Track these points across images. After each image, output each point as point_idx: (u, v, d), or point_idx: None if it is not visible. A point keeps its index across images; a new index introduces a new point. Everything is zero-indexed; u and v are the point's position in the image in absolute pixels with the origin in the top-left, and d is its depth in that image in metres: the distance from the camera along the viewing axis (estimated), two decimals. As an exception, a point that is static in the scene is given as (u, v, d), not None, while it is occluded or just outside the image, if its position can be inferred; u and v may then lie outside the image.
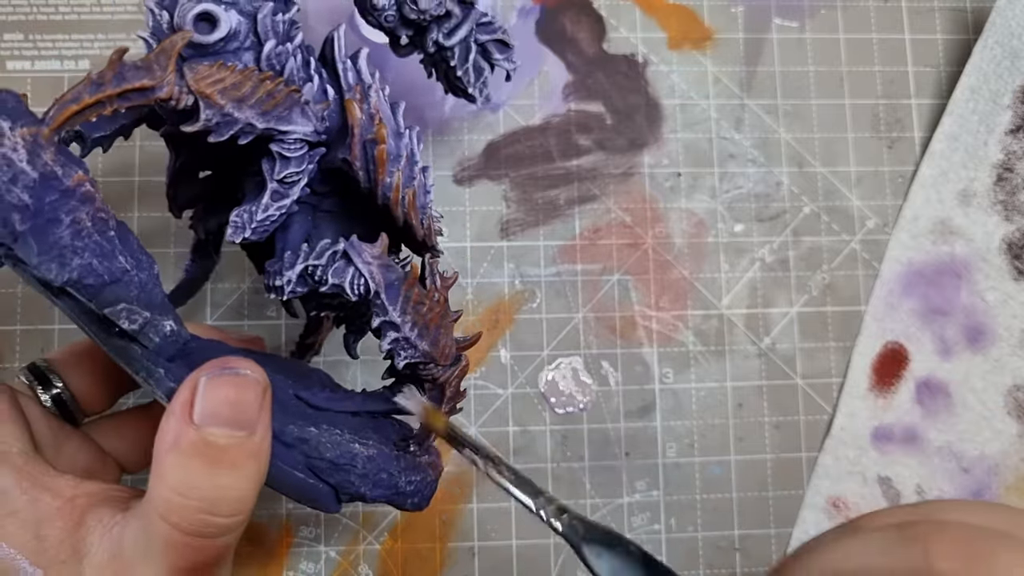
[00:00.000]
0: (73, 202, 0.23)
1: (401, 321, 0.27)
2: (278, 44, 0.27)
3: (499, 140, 0.43)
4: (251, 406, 0.25)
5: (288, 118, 0.26)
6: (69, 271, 0.23)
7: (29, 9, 0.42)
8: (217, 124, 0.25)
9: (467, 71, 0.33)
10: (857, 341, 0.43)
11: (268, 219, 0.27)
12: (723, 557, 0.41)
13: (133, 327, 0.25)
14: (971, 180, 0.44)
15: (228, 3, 0.26)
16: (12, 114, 0.23)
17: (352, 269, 0.27)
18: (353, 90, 0.28)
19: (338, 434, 0.29)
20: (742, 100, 0.44)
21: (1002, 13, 0.44)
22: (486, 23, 0.33)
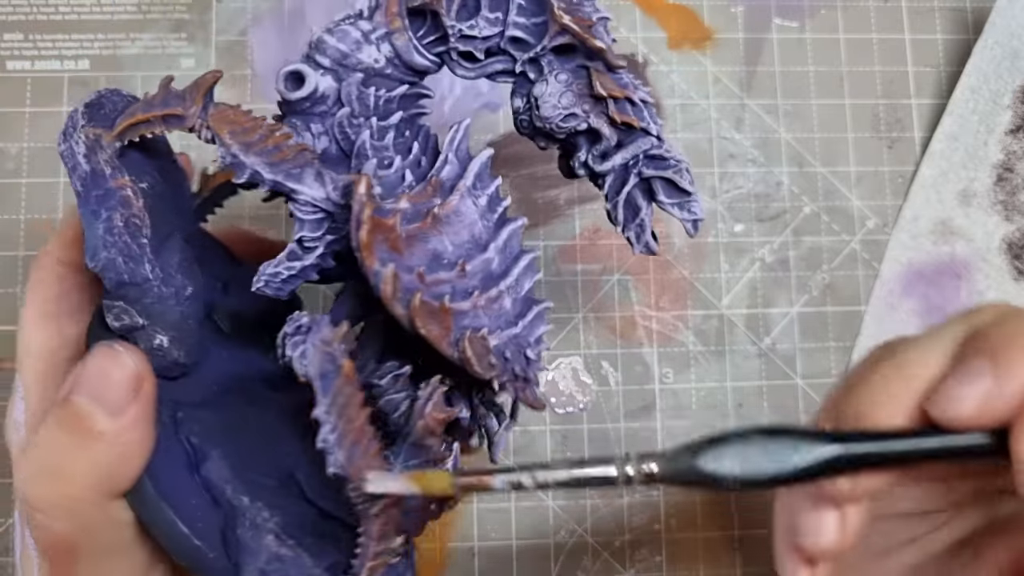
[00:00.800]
0: (112, 201, 0.25)
1: (324, 419, 0.24)
2: (357, 115, 0.27)
3: (499, 140, 0.43)
4: (117, 384, 0.25)
5: (299, 177, 0.26)
6: (97, 260, 0.25)
7: (29, 9, 0.42)
8: (231, 164, 0.26)
9: (616, 206, 0.28)
10: (857, 341, 0.43)
11: (278, 276, 0.27)
12: (723, 558, 0.41)
13: (116, 324, 0.26)
14: (971, 180, 0.44)
15: (327, 69, 0.27)
16: (94, 116, 0.26)
17: (302, 347, 0.25)
18: (429, 181, 0.26)
19: (264, 517, 0.27)
20: (742, 100, 0.44)
21: (1002, 13, 0.44)
22: (656, 156, 0.28)
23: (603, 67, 0.27)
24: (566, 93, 0.27)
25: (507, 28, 0.27)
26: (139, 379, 0.25)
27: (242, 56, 0.43)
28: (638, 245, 0.29)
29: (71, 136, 0.26)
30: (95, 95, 0.27)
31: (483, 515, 0.41)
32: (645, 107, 0.28)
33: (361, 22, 0.27)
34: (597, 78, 0.27)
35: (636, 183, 0.28)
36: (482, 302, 0.26)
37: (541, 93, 0.27)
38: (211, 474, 0.27)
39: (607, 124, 0.27)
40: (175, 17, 0.43)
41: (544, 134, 0.28)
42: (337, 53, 0.26)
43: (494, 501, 0.41)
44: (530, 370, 0.27)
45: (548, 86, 0.27)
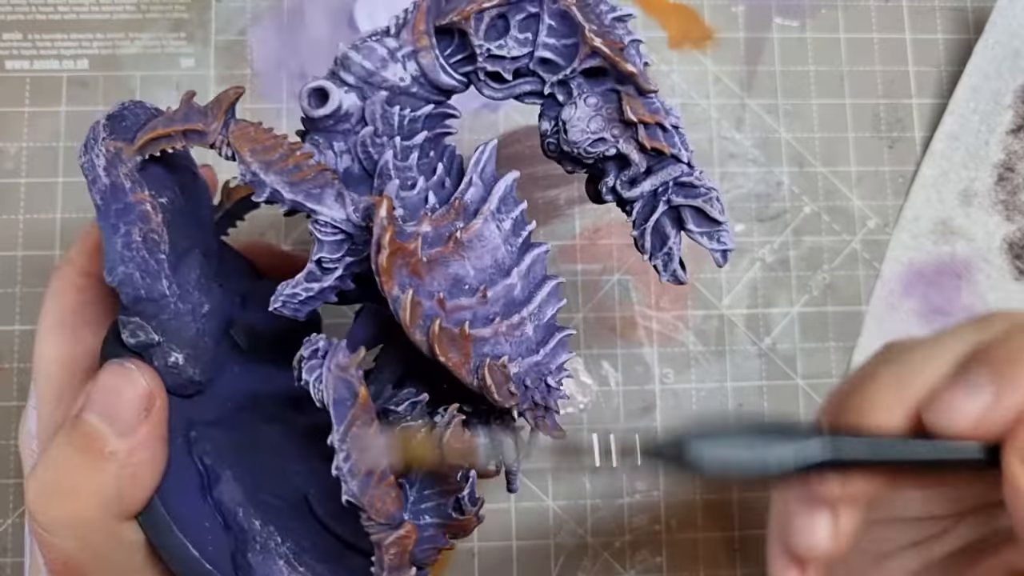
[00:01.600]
0: (131, 216, 0.25)
1: (339, 447, 0.24)
2: (380, 134, 0.26)
3: (499, 140, 0.43)
4: (128, 403, 0.24)
5: (319, 197, 0.25)
6: (114, 275, 0.25)
7: (28, 8, 0.42)
8: (251, 182, 0.25)
9: (644, 233, 0.27)
10: (858, 341, 0.43)
11: (295, 297, 0.26)
12: (723, 558, 0.41)
13: (131, 340, 0.26)
14: (972, 180, 0.44)
15: (351, 85, 0.26)
16: (116, 128, 0.26)
17: (318, 372, 0.25)
18: (452, 204, 0.26)
19: (276, 542, 0.27)
20: (742, 100, 0.44)
21: (1003, 13, 0.44)
22: (687, 184, 0.27)
23: (634, 91, 0.26)
24: (595, 117, 0.26)
25: (536, 49, 0.26)
26: (150, 398, 0.25)
27: (241, 55, 0.43)
28: (665, 274, 0.28)
29: (92, 148, 0.26)
30: (118, 107, 0.26)
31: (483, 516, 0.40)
32: (676, 132, 0.27)
33: (388, 39, 0.26)
34: (628, 103, 0.26)
35: (664, 211, 0.27)
36: (503, 329, 0.25)
37: (569, 117, 0.26)
38: (223, 496, 0.27)
39: (636, 150, 0.27)
40: (174, 16, 0.43)
41: (571, 158, 0.28)
42: (362, 71, 0.26)
43: (494, 502, 0.41)
44: (551, 398, 0.27)
45: (577, 110, 0.26)
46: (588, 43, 0.26)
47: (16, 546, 0.38)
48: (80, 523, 0.24)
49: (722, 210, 0.27)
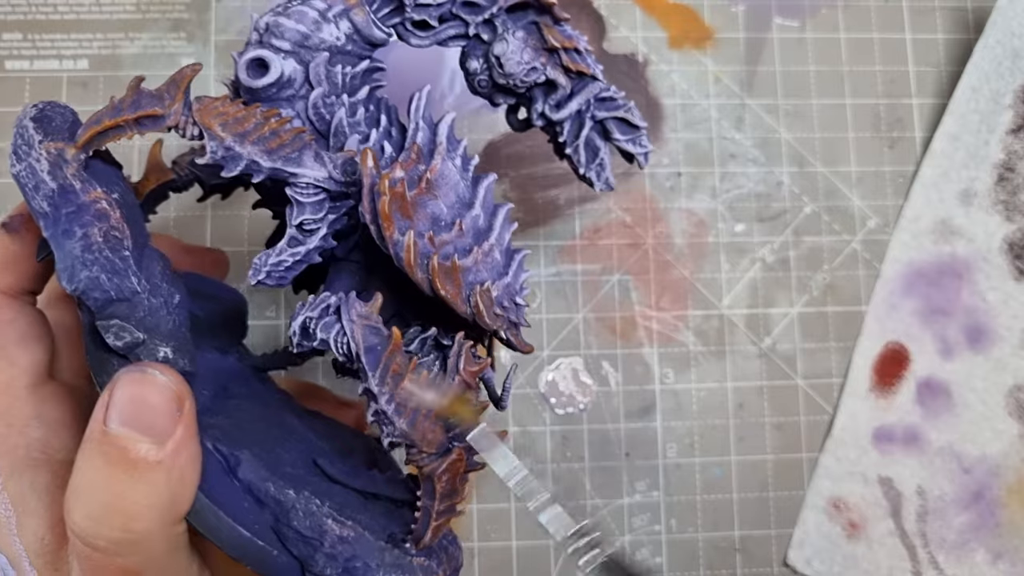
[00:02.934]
0: (87, 217, 0.24)
1: (379, 391, 0.25)
2: (328, 94, 0.27)
3: (499, 140, 0.43)
4: (159, 411, 0.24)
5: (298, 160, 0.25)
6: (77, 281, 0.24)
7: (28, 8, 0.42)
8: (223, 158, 0.25)
9: (577, 149, 0.30)
10: (858, 341, 0.43)
11: (282, 264, 0.27)
12: (723, 558, 0.41)
13: (118, 343, 0.25)
14: (972, 180, 0.44)
15: (288, 52, 0.26)
16: (48, 129, 0.24)
17: (338, 325, 0.25)
18: (411, 149, 0.26)
19: (316, 505, 0.27)
20: (743, 100, 0.44)
21: (1003, 12, 0.44)
22: (607, 98, 0.30)
23: (551, 20, 0.28)
24: (526, 49, 0.28)
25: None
26: (180, 398, 0.24)
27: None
28: (599, 183, 0.31)
29: (27, 154, 0.24)
30: (39, 109, 0.25)
31: (483, 516, 0.40)
32: (588, 54, 0.29)
33: (314, 1, 0.27)
34: (548, 31, 0.28)
35: (592, 126, 0.30)
36: (480, 257, 0.27)
37: (503, 52, 0.28)
38: (249, 475, 0.27)
39: (562, 74, 0.29)
40: (174, 16, 0.43)
41: (504, 90, 0.30)
42: (296, 35, 0.26)
43: (494, 502, 0.41)
44: (519, 315, 0.28)
45: (509, 44, 0.28)
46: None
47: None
48: (143, 537, 0.23)
49: (641, 116, 0.30)
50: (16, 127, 0.25)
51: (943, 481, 0.42)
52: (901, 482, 0.42)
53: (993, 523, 0.42)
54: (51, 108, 0.25)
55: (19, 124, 0.25)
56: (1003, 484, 0.42)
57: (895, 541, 0.41)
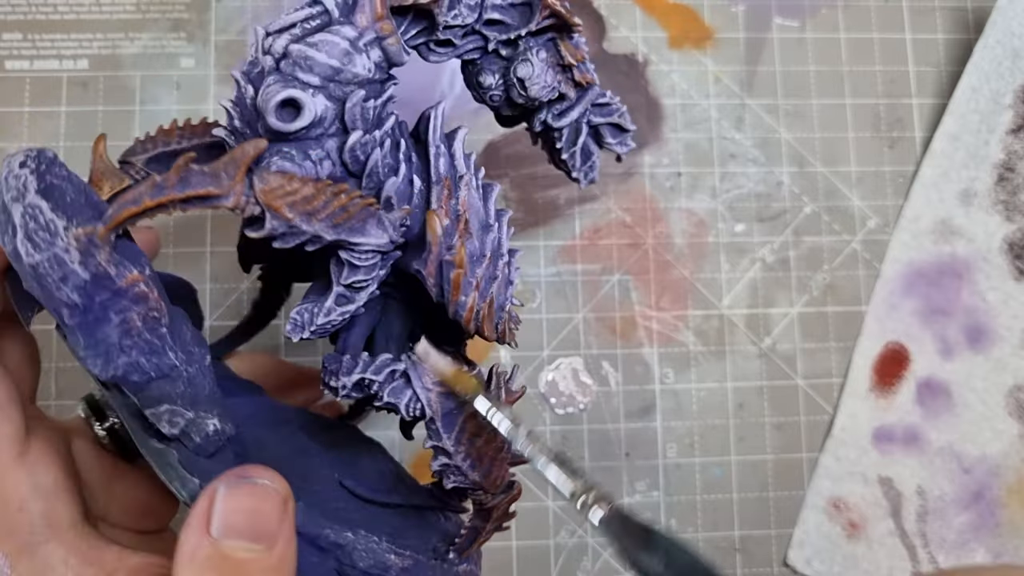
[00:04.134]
0: (124, 302, 0.22)
1: (454, 451, 0.26)
2: (365, 133, 0.25)
3: (499, 140, 0.43)
4: (270, 518, 0.23)
5: (362, 230, 0.24)
6: (114, 368, 0.23)
7: (28, 8, 0.42)
8: (283, 234, 0.23)
9: (574, 155, 0.30)
10: (858, 341, 0.43)
11: (330, 323, 0.26)
12: (724, 557, 0.41)
13: (174, 431, 0.24)
14: (972, 180, 0.44)
15: (316, 87, 0.24)
16: (70, 209, 0.22)
17: (410, 391, 0.26)
18: (442, 183, 0.26)
19: (375, 542, 0.27)
20: (742, 100, 0.44)
21: (1003, 13, 0.44)
22: (603, 104, 0.30)
23: (567, 35, 0.28)
24: (548, 70, 0.28)
25: (484, 11, 0.27)
26: (286, 500, 0.24)
27: (241, 55, 0.43)
28: (584, 181, 0.31)
29: (50, 244, 0.21)
30: (37, 175, 0.22)
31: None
32: (587, 59, 0.29)
33: (343, 28, 0.24)
34: (565, 48, 0.28)
35: (588, 132, 0.30)
36: (501, 277, 0.27)
37: (528, 75, 0.28)
38: (308, 527, 0.26)
39: (572, 87, 0.29)
40: (174, 16, 0.43)
41: (517, 106, 0.29)
42: (328, 70, 0.24)
43: (494, 502, 0.41)
44: (515, 317, 0.29)
45: (534, 68, 0.28)
46: (548, 6, 0.27)
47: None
48: None
49: (629, 119, 0.30)
50: (18, 204, 0.21)
51: (943, 481, 0.42)
52: (901, 482, 0.42)
53: (993, 523, 0.42)
54: (52, 173, 0.22)
55: (23, 202, 0.21)
56: (1003, 484, 0.42)
57: (895, 541, 0.42)
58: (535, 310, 0.42)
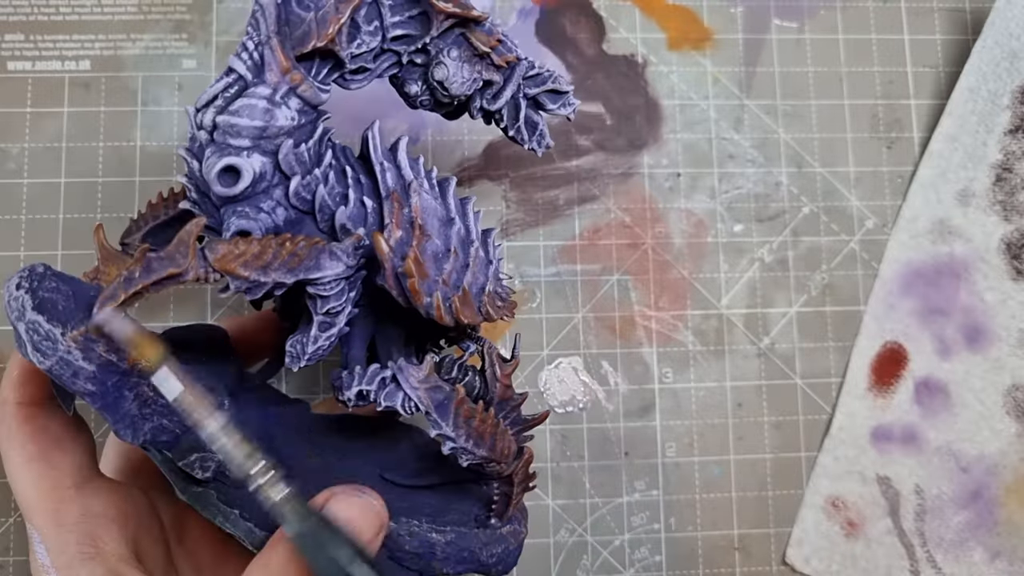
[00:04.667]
0: (133, 379, 0.25)
1: (456, 435, 0.28)
2: (304, 176, 0.27)
3: (499, 140, 0.43)
4: (366, 530, 0.26)
5: (317, 266, 0.26)
6: (143, 435, 0.25)
7: (30, 9, 0.42)
8: (248, 288, 0.25)
9: (519, 129, 0.31)
10: (856, 341, 0.43)
11: (320, 349, 0.28)
12: (722, 556, 0.41)
13: (207, 474, 0.27)
14: (970, 180, 0.44)
15: (248, 148, 0.26)
16: (63, 316, 0.24)
17: (401, 393, 0.28)
18: (391, 197, 0.27)
19: (416, 525, 0.30)
20: (741, 100, 0.44)
21: (1001, 14, 0.44)
22: (534, 75, 0.30)
23: (473, 25, 0.29)
24: (463, 66, 0.29)
25: (387, 31, 0.28)
26: (384, 521, 0.27)
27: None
28: (540, 149, 0.31)
29: (54, 350, 0.24)
30: (31, 293, 0.24)
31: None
32: (507, 38, 0.30)
33: (258, 89, 0.26)
34: (475, 38, 0.29)
35: (527, 104, 0.31)
36: (475, 265, 0.29)
37: (445, 76, 0.29)
38: None
39: (496, 72, 0.30)
40: (176, 18, 0.43)
41: (446, 105, 0.30)
42: (254, 131, 0.26)
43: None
44: (505, 290, 0.31)
45: (449, 69, 0.29)
46: (441, 11, 0.28)
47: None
48: None
49: (566, 80, 0.31)
50: (21, 323, 0.24)
51: (941, 480, 0.42)
52: (899, 481, 0.42)
53: (991, 522, 0.42)
54: (43, 286, 0.25)
55: (24, 320, 0.24)
56: (1001, 483, 0.42)
57: (893, 540, 0.42)
58: (535, 310, 0.42)
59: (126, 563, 0.27)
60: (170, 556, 0.30)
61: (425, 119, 0.43)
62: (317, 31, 0.26)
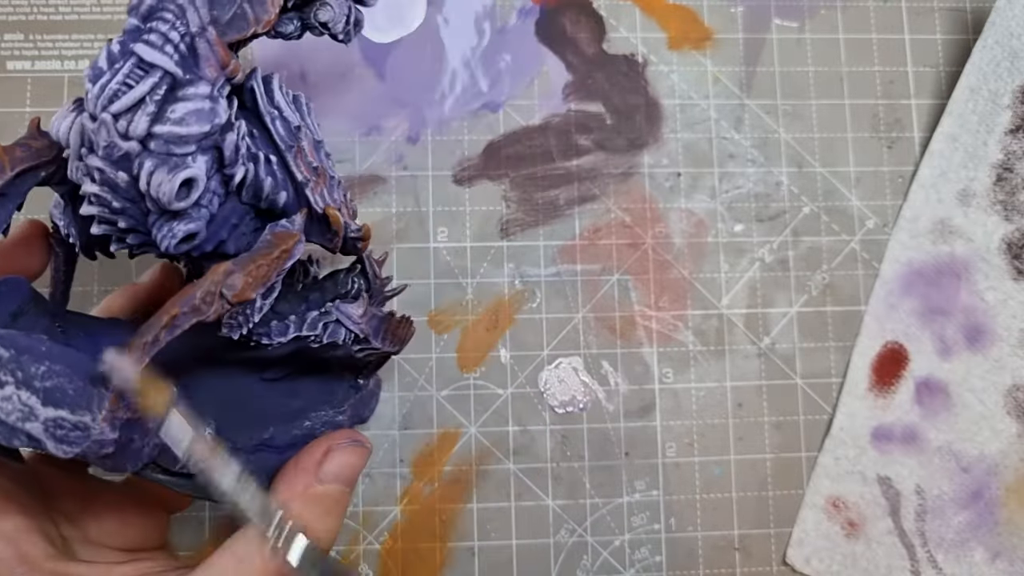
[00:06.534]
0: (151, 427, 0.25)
1: (381, 344, 0.32)
2: (244, 162, 0.26)
3: (499, 140, 0.43)
4: (359, 468, 0.30)
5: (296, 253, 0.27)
6: (142, 461, 0.26)
7: (29, 9, 0.42)
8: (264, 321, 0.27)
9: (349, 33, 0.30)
10: (857, 341, 0.43)
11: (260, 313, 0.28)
12: (723, 556, 0.41)
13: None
14: (971, 180, 0.44)
15: (193, 152, 0.24)
16: (81, 401, 0.23)
17: (343, 330, 0.30)
18: (294, 151, 0.27)
19: (324, 415, 0.33)
20: (742, 100, 0.44)
21: (1001, 13, 0.44)
22: None
23: None
24: (341, 3, 0.29)
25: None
26: (368, 453, 0.31)
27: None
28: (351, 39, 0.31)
29: (85, 438, 0.22)
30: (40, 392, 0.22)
31: (483, 515, 0.41)
32: None
33: (197, 87, 0.24)
34: None
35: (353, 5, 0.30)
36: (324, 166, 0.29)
37: (330, 17, 0.29)
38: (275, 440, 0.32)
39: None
40: (175, 17, 0.43)
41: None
42: (200, 136, 0.24)
43: (494, 501, 0.41)
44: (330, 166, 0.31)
45: (334, 9, 0.29)
46: None
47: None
48: None
49: None
50: (34, 423, 0.22)
51: (942, 480, 0.42)
52: (900, 481, 0.42)
53: (992, 522, 0.42)
54: (32, 374, 0.22)
55: (39, 419, 0.22)
56: (1002, 483, 0.42)
57: (894, 540, 0.42)
58: (535, 310, 0.42)
59: (62, 565, 0.26)
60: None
61: (426, 119, 0.43)
62: (254, 14, 0.25)
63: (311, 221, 0.28)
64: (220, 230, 0.27)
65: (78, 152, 0.25)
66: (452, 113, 0.43)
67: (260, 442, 0.31)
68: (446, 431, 0.41)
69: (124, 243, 0.27)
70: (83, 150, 0.25)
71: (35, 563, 0.26)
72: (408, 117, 0.43)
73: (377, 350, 0.32)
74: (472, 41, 0.44)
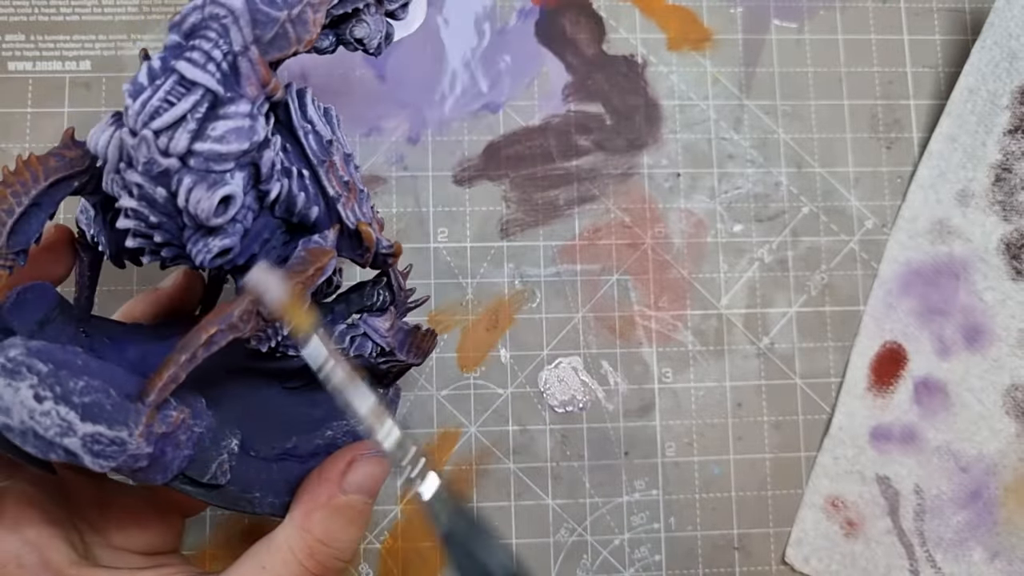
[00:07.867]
0: (182, 440, 0.25)
1: (405, 357, 0.33)
2: (285, 184, 0.27)
3: (499, 140, 0.43)
4: (380, 479, 0.30)
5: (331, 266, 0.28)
6: (171, 472, 0.26)
7: (30, 10, 0.42)
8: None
9: (379, 47, 0.31)
10: (856, 341, 0.43)
11: None
12: (722, 556, 0.41)
13: (227, 478, 0.28)
14: (969, 180, 0.44)
15: (232, 169, 0.25)
16: (120, 416, 0.23)
17: (370, 343, 0.31)
18: (326, 166, 0.27)
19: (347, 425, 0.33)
20: (741, 101, 0.45)
21: (1000, 14, 0.44)
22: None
23: None
24: (376, 19, 0.30)
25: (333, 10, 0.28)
26: (387, 469, 0.30)
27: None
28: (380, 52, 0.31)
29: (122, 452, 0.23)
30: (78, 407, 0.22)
31: (483, 514, 0.41)
32: None
33: (238, 106, 0.24)
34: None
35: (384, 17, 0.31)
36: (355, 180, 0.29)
37: (366, 34, 0.30)
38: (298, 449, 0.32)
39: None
40: (176, 18, 0.43)
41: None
42: (240, 153, 0.24)
43: (494, 501, 0.41)
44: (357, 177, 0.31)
45: (370, 26, 0.30)
46: None
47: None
48: None
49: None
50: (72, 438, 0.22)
51: (940, 480, 0.42)
52: (899, 481, 0.42)
53: (990, 521, 0.42)
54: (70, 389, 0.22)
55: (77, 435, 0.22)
56: (1000, 483, 0.42)
57: (893, 539, 0.42)
58: (535, 310, 0.42)
59: (86, 570, 0.27)
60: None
61: (426, 119, 0.43)
62: (296, 34, 0.25)
63: (342, 236, 0.28)
64: (252, 244, 0.27)
65: (116, 166, 0.25)
66: (452, 114, 0.43)
67: (283, 451, 0.31)
68: (446, 430, 0.41)
69: (158, 255, 0.27)
70: (121, 164, 0.25)
71: (59, 570, 0.26)
72: (408, 118, 0.43)
73: (400, 362, 0.33)
74: (472, 42, 0.44)
